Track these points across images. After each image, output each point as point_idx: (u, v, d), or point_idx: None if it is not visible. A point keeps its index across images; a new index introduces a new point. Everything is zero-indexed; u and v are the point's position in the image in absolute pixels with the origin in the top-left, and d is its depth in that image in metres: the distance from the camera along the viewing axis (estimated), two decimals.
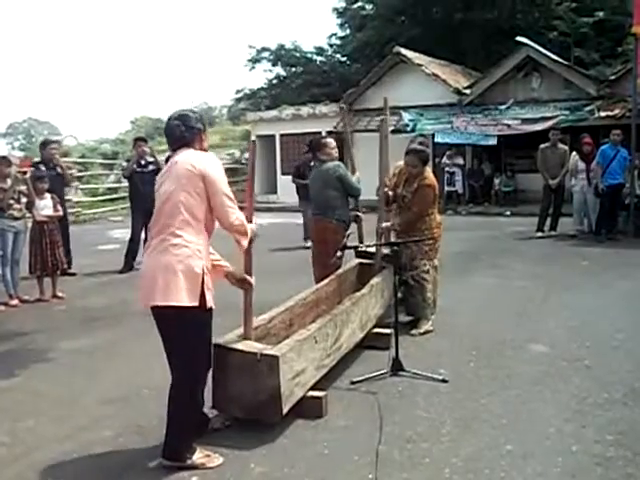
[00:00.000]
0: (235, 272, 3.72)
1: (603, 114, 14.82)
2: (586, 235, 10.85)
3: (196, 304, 3.24)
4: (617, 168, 10.47)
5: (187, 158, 3.35)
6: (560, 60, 16.41)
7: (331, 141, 6.04)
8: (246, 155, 22.62)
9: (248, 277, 3.71)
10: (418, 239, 5.35)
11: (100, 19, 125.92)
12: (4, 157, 7.76)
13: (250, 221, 3.59)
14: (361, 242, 6.04)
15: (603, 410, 3.86)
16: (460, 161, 17.41)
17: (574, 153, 11.13)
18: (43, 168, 8.57)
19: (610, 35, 20.98)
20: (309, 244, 6.49)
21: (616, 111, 14.71)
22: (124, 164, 10.15)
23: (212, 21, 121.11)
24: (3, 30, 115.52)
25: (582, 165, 10.87)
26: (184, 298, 3.21)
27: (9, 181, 7.22)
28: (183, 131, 3.42)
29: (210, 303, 3.34)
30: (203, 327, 3.40)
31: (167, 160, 4.04)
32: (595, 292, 6.95)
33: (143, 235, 9.00)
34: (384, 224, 5.69)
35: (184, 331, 3.29)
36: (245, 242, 3.50)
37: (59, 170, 8.94)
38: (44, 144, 9.18)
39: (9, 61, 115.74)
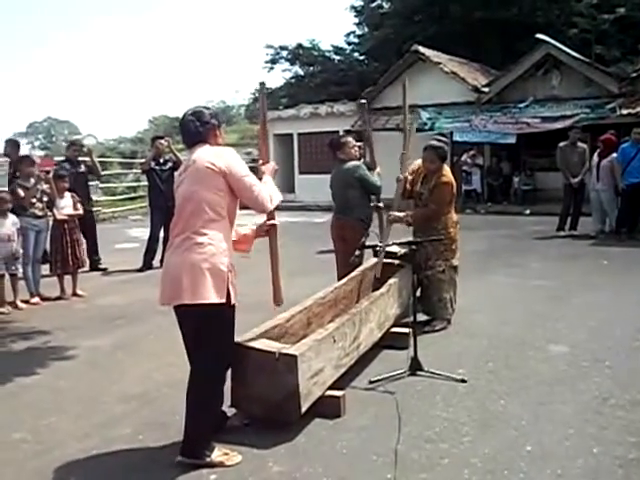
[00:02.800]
0: (260, 225, 3.83)
1: (624, 112, 14.63)
2: (606, 235, 10.74)
3: (224, 301, 3.28)
4: (637, 167, 10.33)
5: (205, 156, 3.36)
6: (580, 57, 16.23)
7: (350, 140, 6.03)
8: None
9: (272, 221, 3.79)
10: (434, 239, 5.30)
11: (120, 18, 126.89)
12: (27, 156, 7.86)
13: (267, 161, 3.77)
14: (381, 235, 6.01)
15: (624, 411, 3.82)
16: (480, 161, 17.31)
17: (596, 153, 11.02)
18: (68, 166, 8.96)
19: (632, 32, 20.74)
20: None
21: (638, 109, 14.52)
22: (142, 160, 10.36)
23: (230, 20, 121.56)
24: (22, 31, 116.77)
25: (596, 161, 10.77)
26: (212, 296, 3.23)
27: (32, 180, 7.30)
28: (198, 126, 3.44)
29: (234, 300, 3.37)
30: (227, 324, 3.44)
31: None
32: (616, 292, 6.88)
33: (162, 234, 9.09)
34: (396, 213, 5.63)
35: (210, 328, 3.33)
36: (275, 202, 3.57)
37: (83, 168, 9.27)
38: (68, 145, 9.80)
39: (29, 61, 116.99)
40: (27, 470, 3.39)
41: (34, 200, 7.29)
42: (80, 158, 9.49)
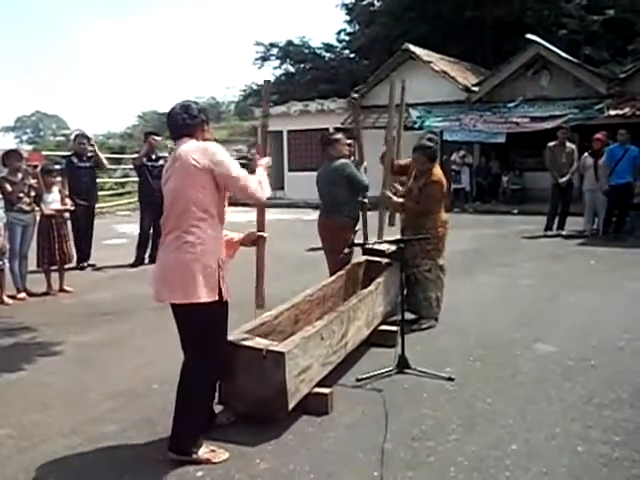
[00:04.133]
0: (249, 235, 3.85)
1: (613, 113, 14.74)
2: (595, 234, 10.82)
3: (215, 299, 3.29)
4: (625, 167, 10.41)
5: (190, 152, 3.32)
6: (570, 58, 16.33)
7: (342, 137, 6.02)
8: (253, 151, 22.68)
9: (261, 233, 3.86)
10: (421, 237, 5.31)
11: (110, 15, 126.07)
12: (15, 150, 7.79)
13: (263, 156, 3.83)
14: (366, 235, 6.03)
15: (609, 410, 3.85)
16: (470, 160, 17.37)
17: (586, 153, 11.08)
18: (76, 160, 9.00)
19: (620, 33, 20.87)
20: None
21: (626, 110, 14.64)
22: (135, 155, 10.25)
23: (221, 16, 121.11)
24: (10, 26, 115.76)
25: (590, 161, 10.84)
26: (203, 294, 3.25)
27: (20, 175, 7.24)
28: (185, 118, 3.43)
29: (226, 296, 3.38)
30: (220, 321, 3.45)
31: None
32: (603, 292, 6.92)
33: (151, 229, 9.08)
34: (389, 193, 5.63)
35: (202, 326, 3.34)
36: (266, 193, 3.54)
37: (91, 163, 9.23)
38: (75, 138, 9.63)
39: (17, 55, 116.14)
40: (12, 466, 3.37)
41: (21, 195, 7.23)
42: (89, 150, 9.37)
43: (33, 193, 7.39)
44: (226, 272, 3.43)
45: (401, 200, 5.73)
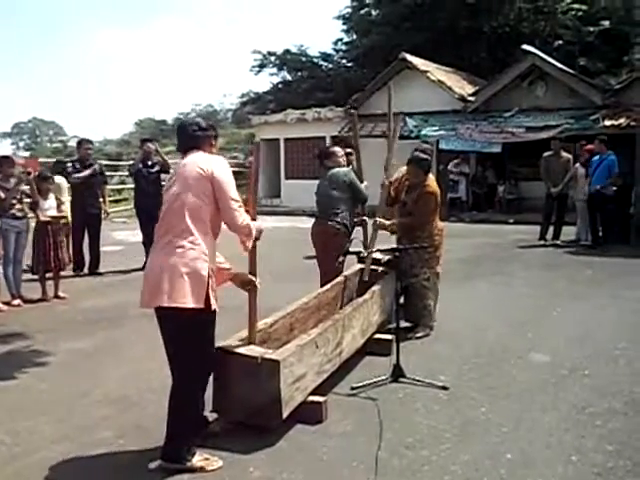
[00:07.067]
0: (240, 275, 3.75)
1: (608, 123, 14.76)
2: (589, 243, 10.84)
3: (201, 306, 3.26)
4: (598, 177, 10.42)
5: (196, 160, 3.41)
6: (565, 69, 16.40)
7: (339, 150, 6.25)
8: (250, 158, 22.68)
9: (253, 278, 3.74)
10: (418, 246, 5.32)
11: (108, 22, 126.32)
12: (7, 157, 7.78)
13: (254, 219, 3.62)
14: (364, 247, 6.05)
15: (603, 420, 3.86)
16: (466, 169, 17.40)
17: (577, 164, 11.12)
18: (78, 166, 9.00)
19: (616, 44, 21.02)
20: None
21: (621, 120, 14.67)
22: (131, 162, 10.20)
23: (218, 24, 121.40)
24: (8, 32, 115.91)
25: (582, 171, 10.88)
26: (190, 300, 3.22)
27: (12, 181, 7.23)
28: (195, 130, 3.54)
29: (214, 305, 3.35)
30: (206, 329, 3.42)
31: None
32: (598, 301, 6.94)
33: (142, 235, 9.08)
34: (382, 219, 5.66)
35: (187, 333, 3.31)
36: (250, 243, 3.56)
37: (97, 167, 9.22)
38: (79, 143, 9.55)
39: (15, 61, 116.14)
40: (5, 473, 3.36)
41: (14, 201, 7.22)
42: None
43: (27, 200, 7.39)
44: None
45: (393, 221, 5.74)
